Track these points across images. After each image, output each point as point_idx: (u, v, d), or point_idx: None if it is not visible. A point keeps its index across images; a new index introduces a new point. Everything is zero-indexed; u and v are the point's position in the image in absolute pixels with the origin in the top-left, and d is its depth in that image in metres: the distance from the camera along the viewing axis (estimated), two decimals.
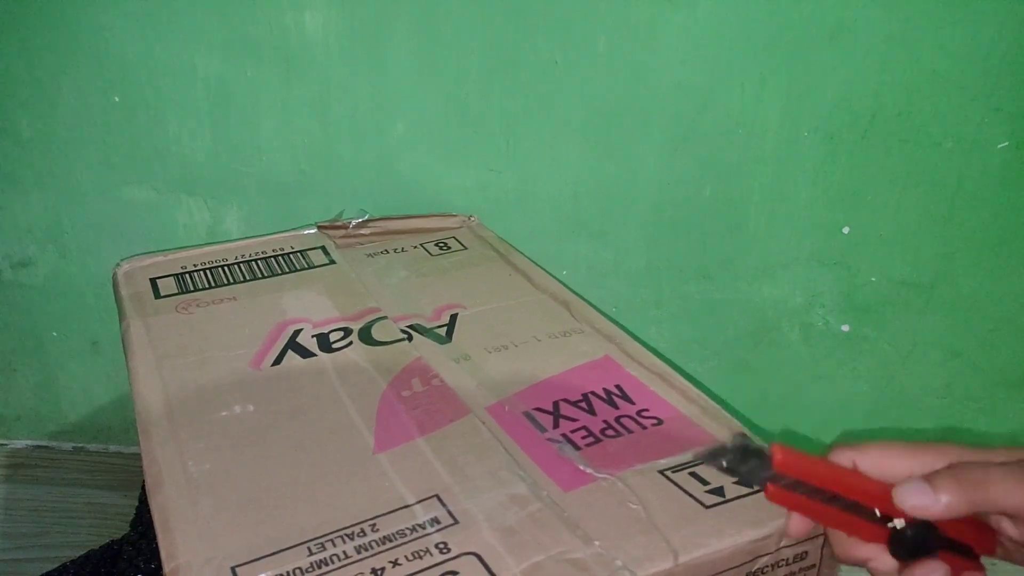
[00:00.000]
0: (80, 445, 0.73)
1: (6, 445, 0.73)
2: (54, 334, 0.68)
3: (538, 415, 0.40)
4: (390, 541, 0.32)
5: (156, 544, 0.33)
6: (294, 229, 0.59)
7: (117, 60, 0.57)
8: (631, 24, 0.57)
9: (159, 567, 0.47)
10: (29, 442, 0.73)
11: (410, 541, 0.32)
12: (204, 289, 0.52)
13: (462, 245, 0.59)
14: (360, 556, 0.32)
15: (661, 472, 0.36)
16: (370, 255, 0.57)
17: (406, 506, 0.34)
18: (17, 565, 0.63)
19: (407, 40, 0.58)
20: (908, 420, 0.68)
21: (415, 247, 0.58)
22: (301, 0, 0.56)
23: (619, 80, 0.59)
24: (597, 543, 0.32)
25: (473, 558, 0.31)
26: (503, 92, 0.60)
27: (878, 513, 0.29)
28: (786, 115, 0.59)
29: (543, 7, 0.57)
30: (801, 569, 0.35)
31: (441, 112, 0.60)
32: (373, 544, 0.32)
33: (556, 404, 0.41)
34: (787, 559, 0.34)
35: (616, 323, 0.49)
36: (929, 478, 0.28)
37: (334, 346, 0.46)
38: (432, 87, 0.60)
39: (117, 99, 0.59)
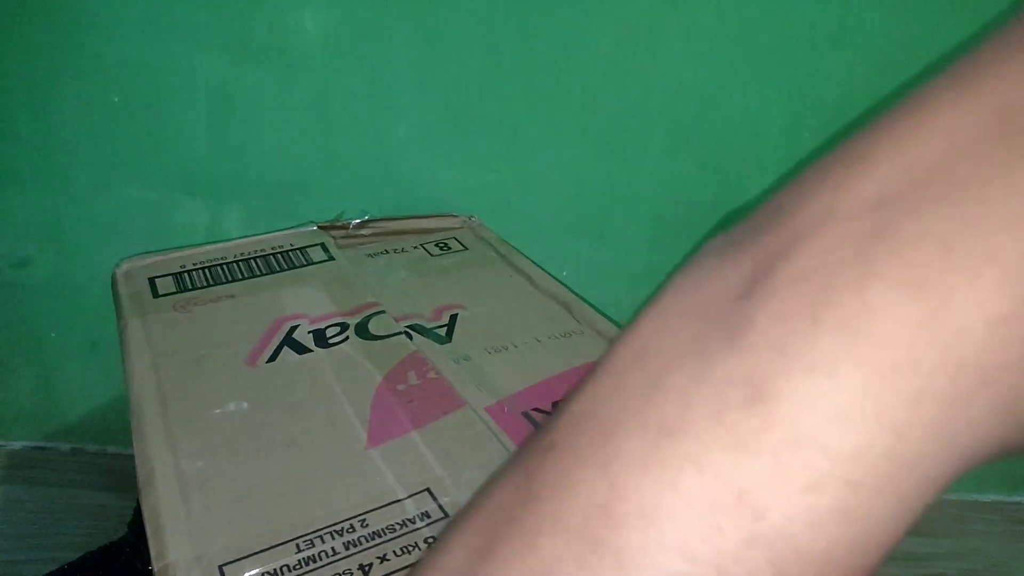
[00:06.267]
0: (78, 446, 0.73)
1: (4, 446, 0.72)
2: (53, 334, 0.68)
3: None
4: (379, 536, 0.32)
5: None
6: (294, 228, 0.59)
7: (116, 59, 0.57)
8: (633, 25, 0.57)
9: None
10: (27, 443, 0.73)
11: (399, 536, 0.32)
12: (202, 287, 0.52)
13: (462, 245, 0.59)
14: (348, 552, 0.31)
15: None
16: (370, 255, 0.57)
17: (397, 500, 0.34)
18: (15, 567, 0.62)
19: (408, 40, 0.58)
20: None
21: (415, 247, 0.58)
22: None
23: (621, 81, 0.59)
24: None
25: None
26: (504, 92, 0.59)
27: None
28: (788, 116, 0.59)
29: (544, 7, 0.57)
30: None
31: (442, 112, 0.60)
32: (362, 540, 0.32)
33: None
34: None
35: (617, 324, 0.48)
36: None
37: (330, 341, 0.45)
38: (433, 87, 0.59)
39: (116, 99, 0.59)
